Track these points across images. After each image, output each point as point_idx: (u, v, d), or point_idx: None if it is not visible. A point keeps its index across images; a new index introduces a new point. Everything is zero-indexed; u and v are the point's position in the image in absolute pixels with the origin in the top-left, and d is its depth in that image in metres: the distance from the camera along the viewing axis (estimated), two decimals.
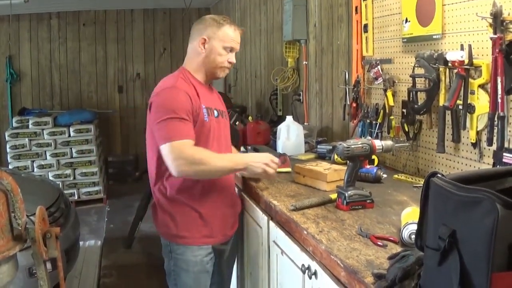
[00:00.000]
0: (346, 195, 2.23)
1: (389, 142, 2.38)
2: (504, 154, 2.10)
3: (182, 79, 2.59)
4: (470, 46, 2.27)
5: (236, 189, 2.97)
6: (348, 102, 3.47)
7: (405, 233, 1.77)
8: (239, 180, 3.04)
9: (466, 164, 2.44)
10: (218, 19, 2.64)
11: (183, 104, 2.45)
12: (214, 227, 2.63)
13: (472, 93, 2.27)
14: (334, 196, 2.35)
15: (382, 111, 3.07)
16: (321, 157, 3.39)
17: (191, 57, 2.70)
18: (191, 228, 2.58)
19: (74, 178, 7.22)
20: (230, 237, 2.79)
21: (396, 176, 2.82)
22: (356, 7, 3.35)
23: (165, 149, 2.38)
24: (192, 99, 2.50)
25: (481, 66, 2.22)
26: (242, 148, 3.64)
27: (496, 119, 2.11)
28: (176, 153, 2.36)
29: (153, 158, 2.57)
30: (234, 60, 2.67)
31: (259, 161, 2.52)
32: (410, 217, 1.84)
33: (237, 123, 4.50)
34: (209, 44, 2.61)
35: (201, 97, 2.58)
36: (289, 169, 2.97)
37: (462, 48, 2.32)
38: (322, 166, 2.76)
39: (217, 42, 2.60)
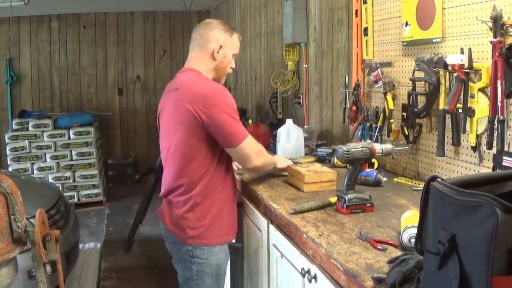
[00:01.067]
0: (346, 198, 2.23)
1: (389, 146, 2.38)
2: (504, 157, 2.10)
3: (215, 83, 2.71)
4: (470, 49, 2.27)
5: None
6: (348, 105, 3.47)
7: (405, 237, 1.77)
8: (238, 183, 3.05)
9: (466, 168, 2.44)
10: (227, 27, 2.72)
11: (235, 107, 2.57)
12: (229, 225, 2.69)
13: (472, 96, 2.27)
14: (334, 199, 2.35)
15: (382, 114, 3.07)
16: (321, 160, 3.39)
17: (202, 60, 2.69)
18: (212, 229, 2.59)
19: (74, 180, 7.22)
20: (235, 237, 2.82)
21: (396, 179, 2.81)
22: (356, 10, 3.36)
23: (242, 147, 2.53)
24: None
25: (481, 70, 2.22)
26: None
27: (496, 122, 2.11)
28: (254, 147, 2.62)
29: (193, 161, 2.56)
30: (235, 66, 2.81)
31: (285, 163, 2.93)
32: (410, 220, 1.84)
33: None
34: (223, 51, 2.67)
35: None
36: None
37: (462, 52, 2.32)
38: (308, 168, 2.78)
39: (229, 50, 2.69)
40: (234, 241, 2.92)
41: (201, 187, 2.55)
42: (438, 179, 1.23)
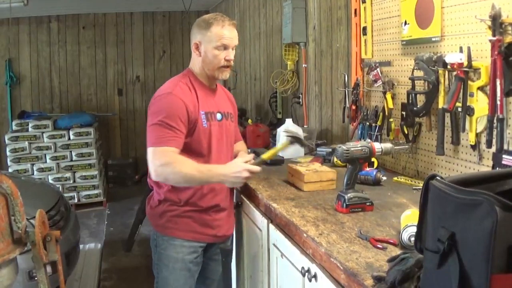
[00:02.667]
0: (346, 197, 2.23)
1: (388, 145, 2.38)
2: (504, 156, 2.10)
3: (184, 83, 2.63)
4: (469, 48, 2.27)
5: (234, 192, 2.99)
6: (348, 105, 3.48)
7: (405, 236, 1.77)
8: None
9: (465, 166, 2.44)
10: (207, 19, 2.63)
11: (176, 111, 2.51)
12: (199, 225, 2.67)
13: (471, 95, 2.27)
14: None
15: (381, 113, 3.07)
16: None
17: (194, 59, 2.71)
18: (175, 220, 2.65)
19: (74, 181, 7.22)
20: (220, 241, 2.81)
21: (395, 178, 2.82)
22: (355, 10, 3.36)
23: (149, 152, 2.49)
24: (188, 106, 2.54)
25: (480, 68, 2.22)
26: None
27: (495, 121, 2.12)
28: (155, 158, 2.46)
29: None
30: (231, 57, 2.64)
31: (237, 175, 2.47)
32: (409, 219, 1.84)
33: None
34: (203, 48, 2.62)
35: (200, 102, 2.60)
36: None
37: (461, 51, 2.32)
38: (308, 167, 2.78)
39: (208, 44, 2.61)
40: (229, 243, 2.92)
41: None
42: (437, 177, 1.23)
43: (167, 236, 2.67)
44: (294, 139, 2.62)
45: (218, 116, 2.70)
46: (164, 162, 2.44)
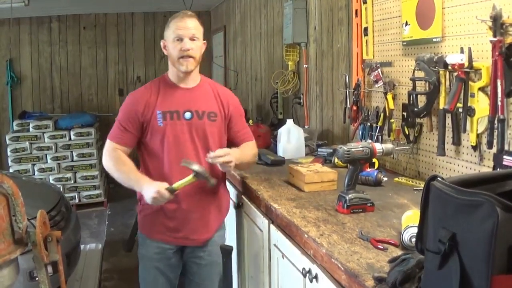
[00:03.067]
0: (347, 198, 2.24)
1: (389, 145, 2.38)
2: (504, 157, 2.10)
3: (153, 83, 2.85)
4: (470, 49, 2.27)
5: (232, 189, 2.99)
6: (349, 105, 3.47)
7: (406, 236, 1.77)
8: (238, 182, 3.05)
9: (466, 167, 2.44)
10: (170, 19, 2.78)
11: (128, 113, 2.75)
12: (162, 226, 2.77)
13: (472, 96, 2.27)
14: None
15: (382, 114, 3.07)
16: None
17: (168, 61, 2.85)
18: (147, 218, 2.82)
19: (75, 181, 7.22)
20: (194, 245, 2.83)
21: (396, 179, 2.82)
22: (356, 10, 3.36)
23: (106, 142, 2.79)
24: (139, 108, 2.72)
25: (481, 69, 2.22)
26: None
27: (496, 122, 2.11)
28: (106, 150, 2.76)
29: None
30: (187, 46, 2.70)
31: (148, 194, 2.55)
32: (410, 220, 1.84)
33: None
34: (167, 45, 2.78)
35: (160, 103, 2.73)
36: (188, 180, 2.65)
37: (462, 51, 2.32)
38: (309, 168, 2.78)
39: (168, 40, 2.76)
40: (232, 243, 2.93)
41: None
42: (438, 178, 1.23)
43: (141, 233, 2.89)
44: (197, 175, 2.57)
45: (187, 115, 2.73)
46: (107, 155, 2.74)
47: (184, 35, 2.69)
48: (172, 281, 2.89)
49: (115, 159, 2.71)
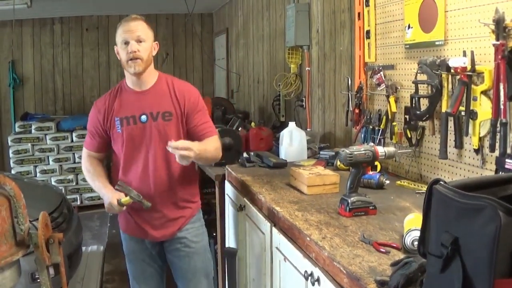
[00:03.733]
0: (349, 201, 2.23)
1: (391, 149, 2.38)
2: (507, 160, 2.09)
3: (113, 90, 2.97)
4: (472, 52, 2.27)
5: (233, 191, 3.00)
6: (351, 108, 3.47)
7: (408, 240, 1.77)
8: (240, 184, 3.05)
9: (468, 170, 2.44)
10: (117, 25, 2.88)
11: (91, 120, 2.97)
12: (123, 219, 3.01)
13: (475, 99, 2.27)
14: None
15: (384, 117, 3.07)
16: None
17: None
18: (123, 219, 3.01)
19: (77, 183, 7.24)
20: (157, 239, 2.97)
21: (399, 182, 2.81)
22: (359, 13, 3.36)
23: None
24: (101, 116, 2.89)
25: (483, 73, 2.22)
26: (244, 154, 3.63)
27: (498, 125, 2.11)
28: (82, 156, 3.03)
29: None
30: (133, 49, 2.74)
31: (105, 203, 2.81)
32: (412, 223, 1.84)
33: (239, 128, 4.51)
34: (118, 51, 2.85)
35: (117, 109, 2.84)
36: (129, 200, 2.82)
37: (464, 55, 2.32)
38: (311, 170, 2.77)
39: (118, 46, 2.83)
40: (233, 245, 2.94)
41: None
42: (441, 182, 1.23)
43: (121, 230, 3.08)
44: (132, 197, 2.77)
45: (143, 118, 2.81)
46: (82, 162, 3.01)
47: (130, 38, 2.75)
48: (159, 271, 3.08)
49: (86, 166, 2.96)
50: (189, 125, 2.89)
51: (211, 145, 2.87)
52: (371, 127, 3.22)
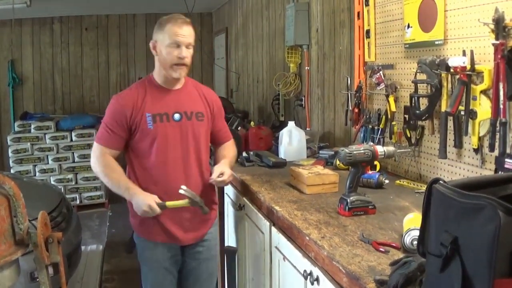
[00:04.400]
0: (348, 201, 2.23)
1: (391, 148, 2.38)
2: (506, 160, 2.09)
3: (139, 85, 2.82)
4: (472, 52, 2.27)
5: (233, 191, 3.00)
6: (350, 108, 3.47)
7: (407, 239, 1.77)
8: (240, 184, 3.05)
9: (468, 170, 2.44)
10: (162, 19, 2.77)
11: (114, 115, 2.73)
12: (159, 227, 2.78)
13: (474, 99, 2.27)
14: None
15: (384, 116, 3.07)
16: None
17: (155, 62, 2.82)
18: (145, 223, 2.79)
19: (76, 182, 7.23)
20: (189, 243, 2.88)
21: (398, 181, 2.81)
22: (358, 13, 3.36)
23: (93, 145, 2.80)
24: (128, 111, 2.71)
25: (483, 72, 2.22)
26: (244, 154, 3.63)
27: (498, 125, 2.11)
28: (95, 153, 2.77)
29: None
30: (184, 54, 2.70)
31: (140, 206, 2.62)
32: (412, 223, 1.84)
33: (239, 128, 4.50)
34: (158, 46, 2.73)
35: (148, 105, 2.72)
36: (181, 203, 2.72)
37: (464, 54, 2.32)
38: (311, 170, 2.77)
39: (162, 42, 2.71)
40: (233, 244, 2.94)
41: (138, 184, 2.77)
42: (440, 181, 1.23)
43: (141, 237, 2.87)
44: (191, 201, 2.64)
45: (176, 116, 2.76)
46: (95, 159, 2.75)
47: (182, 43, 2.69)
48: (176, 277, 2.95)
49: (104, 164, 2.73)
50: (214, 129, 2.95)
51: (233, 154, 3.01)
52: (370, 126, 3.22)
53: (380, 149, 2.33)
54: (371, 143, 2.77)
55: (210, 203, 2.89)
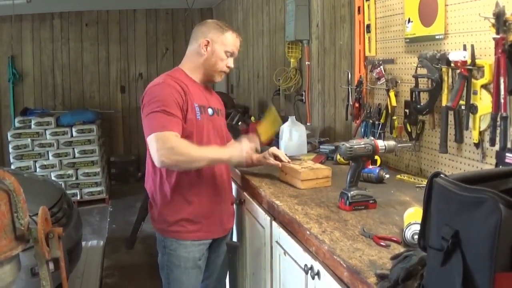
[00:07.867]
0: (349, 195, 2.23)
1: (391, 143, 2.37)
2: (507, 154, 2.09)
3: (170, 77, 2.64)
4: (472, 46, 2.27)
5: (234, 186, 3.01)
6: (351, 102, 3.47)
7: (408, 234, 1.77)
8: (240, 179, 3.05)
9: (468, 165, 2.44)
10: (221, 24, 2.74)
11: (171, 97, 2.51)
12: (204, 223, 2.72)
13: (475, 93, 2.27)
14: None
15: (384, 111, 3.07)
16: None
17: (190, 58, 2.78)
18: (182, 224, 2.68)
19: (77, 178, 7.24)
20: (225, 234, 2.89)
21: (398, 176, 2.81)
22: (359, 7, 3.35)
23: (151, 140, 2.43)
24: (184, 96, 2.57)
25: (483, 67, 2.22)
26: None
27: (498, 119, 2.11)
28: (159, 144, 2.39)
29: (149, 157, 2.58)
30: (232, 65, 2.77)
31: (242, 149, 2.61)
32: (413, 217, 1.84)
33: (239, 123, 4.50)
34: (212, 47, 2.69)
35: (193, 95, 2.63)
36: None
37: (464, 48, 2.32)
38: (302, 165, 2.77)
39: (220, 46, 2.69)
40: (234, 239, 2.94)
41: (168, 184, 2.65)
42: (441, 175, 1.23)
43: (177, 239, 2.70)
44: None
45: (210, 111, 2.75)
46: (169, 146, 2.38)
47: (235, 54, 2.76)
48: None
49: (181, 145, 2.43)
50: None
51: None
52: (371, 121, 3.21)
53: (380, 143, 2.33)
54: (372, 138, 2.76)
55: (232, 198, 2.98)
